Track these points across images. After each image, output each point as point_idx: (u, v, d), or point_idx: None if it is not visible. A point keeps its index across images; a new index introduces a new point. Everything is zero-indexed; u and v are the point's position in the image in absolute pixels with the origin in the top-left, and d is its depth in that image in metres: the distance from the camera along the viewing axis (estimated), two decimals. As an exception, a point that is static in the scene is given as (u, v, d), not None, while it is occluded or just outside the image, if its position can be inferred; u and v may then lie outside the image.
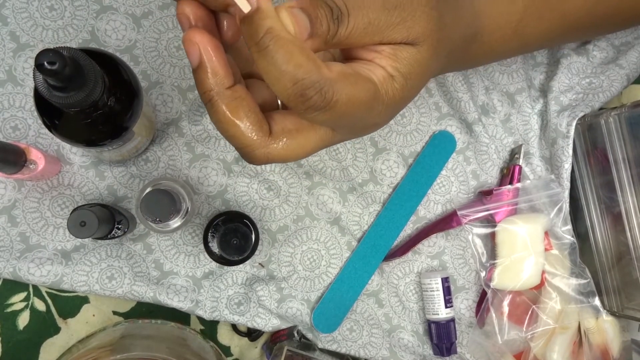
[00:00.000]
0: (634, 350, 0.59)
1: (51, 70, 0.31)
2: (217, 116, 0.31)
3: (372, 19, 0.31)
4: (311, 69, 0.28)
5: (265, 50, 0.28)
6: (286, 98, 0.29)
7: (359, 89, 0.30)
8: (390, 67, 0.33)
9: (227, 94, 0.30)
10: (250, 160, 0.33)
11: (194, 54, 0.30)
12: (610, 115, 0.54)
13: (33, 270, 0.53)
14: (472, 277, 0.61)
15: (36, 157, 0.49)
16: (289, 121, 0.33)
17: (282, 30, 0.28)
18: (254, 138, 0.31)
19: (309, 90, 0.28)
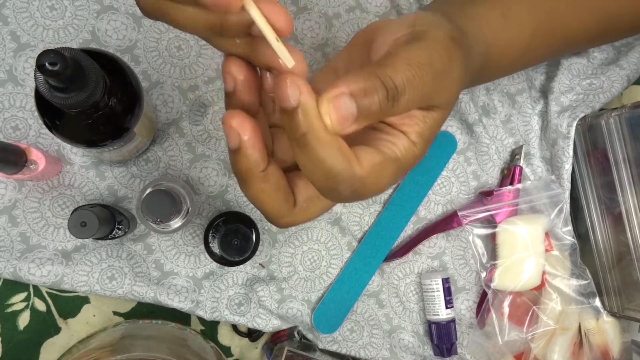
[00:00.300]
0: (634, 351, 0.59)
1: (52, 71, 0.31)
2: (248, 193, 0.33)
3: (424, 93, 0.31)
4: (345, 168, 0.29)
5: (304, 147, 0.29)
6: (318, 188, 0.31)
7: (385, 176, 0.32)
8: (415, 135, 0.33)
9: (260, 176, 0.32)
10: (275, 225, 0.35)
11: (233, 138, 0.31)
12: (611, 115, 0.54)
13: (33, 271, 0.53)
14: (473, 277, 0.61)
15: (37, 157, 0.49)
16: (312, 189, 0.34)
17: (321, 129, 0.29)
18: (280, 211, 0.33)
19: (341, 187, 0.30)
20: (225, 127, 0.31)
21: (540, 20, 0.48)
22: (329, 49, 0.59)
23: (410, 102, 0.31)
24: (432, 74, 0.32)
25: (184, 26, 0.30)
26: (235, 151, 0.31)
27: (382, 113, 0.30)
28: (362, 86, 0.29)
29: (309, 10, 0.59)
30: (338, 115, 0.29)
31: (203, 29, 0.30)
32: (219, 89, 0.57)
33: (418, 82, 0.31)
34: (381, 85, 0.30)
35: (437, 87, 0.32)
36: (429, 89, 0.32)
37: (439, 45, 0.33)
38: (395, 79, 0.30)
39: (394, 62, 0.31)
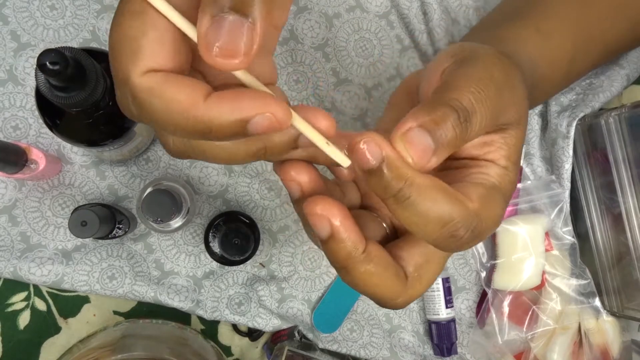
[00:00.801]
0: (634, 351, 0.59)
1: (53, 70, 0.31)
2: (355, 281, 0.29)
3: (493, 108, 0.29)
4: (458, 209, 0.27)
5: (407, 202, 0.26)
6: (434, 242, 0.27)
7: (496, 207, 0.29)
8: (504, 160, 0.31)
9: (362, 258, 0.28)
10: (391, 308, 0.31)
11: (323, 227, 0.28)
12: (611, 115, 0.54)
13: (34, 270, 0.53)
14: (473, 277, 0.62)
15: (37, 156, 0.49)
16: (417, 255, 0.31)
17: (419, 175, 0.26)
18: (394, 290, 0.30)
19: (460, 231, 0.27)
20: (311, 217, 0.28)
21: (578, 32, 0.47)
22: (329, 49, 0.59)
23: (483, 120, 0.29)
24: (494, 87, 0.29)
25: (224, 161, 0.27)
26: (329, 240, 0.28)
27: (459, 139, 0.28)
28: (431, 116, 0.27)
29: (309, 10, 0.59)
30: (415, 151, 0.26)
31: (244, 158, 0.27)
32: (219, 89, 0.57)
33: (484, 98, 0.29)
34: (451, 110, 0.27)
35: (504, 101, 0.30)
36: (496, 103, 0.29)
37: (492, 59, 0.31)
38: (462, 100, 0.28)
39: (455, 85, 0.29)
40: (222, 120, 0.24)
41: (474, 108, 0.28)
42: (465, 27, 0.61)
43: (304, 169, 0.29)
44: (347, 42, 0.59)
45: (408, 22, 0.60)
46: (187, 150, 0.27)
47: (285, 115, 0.24)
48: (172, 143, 0.27)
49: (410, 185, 0.26)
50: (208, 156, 0.27)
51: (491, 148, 0.31)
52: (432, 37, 0.59)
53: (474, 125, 0.28)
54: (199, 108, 0.23)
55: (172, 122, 0.24)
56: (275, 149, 0.27)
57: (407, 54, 0.61)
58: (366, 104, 0.60)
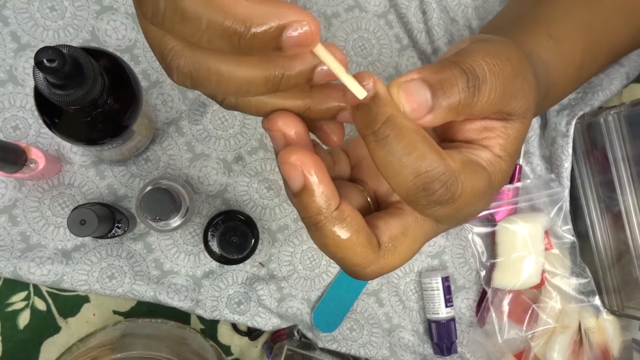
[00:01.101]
0: (634, 350, 0.58)
1: (50, 67, 0.31)
2: (324, 240, 0.28)
3: (504, 87, 0.28)
4: (436, 160, 0.26)
5: (385, 140, 0.25)
6: (405, 192, 0.26)
7: (479, 179, 0.28)
8: (499, 148, 0.30)
9: (334, 215, 0.27)
10: (360, 277, 0.30)
11: (296, 177, 0.27)
12: (610, 114, 0.54)
13: (33, 270, 0.53)
14: (472, 276, 0.61)
15: (36, 156, 0.49)
16: (394, 226, 0.30)
17: (403, 117, 0.26)
18: (365, 257, 0.28)
19: (434, 184, 0.26)
20: (284, 166, 0.27)
21: (587, 35, 0.47)
22: (328, 49, 0.59)
23: (492, 94, 0.28)
24: (510, 67, 0.29)
25: (236, 86, 0.25)
26: (301, 192, 0.27)
27: (463, 105, 0.27)
28: (438, 74, 0.26)
29: (308, 10, 0.59)
30: (410, 101, 0.26)
31: (258, 86, 0.25)
32: (219, 89, 0.57)
33: (499, 72, 0.28)
34: (460, 72, 0.27)
35: (515, 87, 0.29)
36: (509, 83, 0.28)
37: (510, 45, 0.30)
38: (475, 66, 0.27)
39: (471, 52, 0.28)
40: (262, 20, 0.22)
41: (486, 77, 0.27)
42: (464, 26, 0.61)
43: (292, 121, 0.28)
44: (346, 42, 0.60)
45: (407, 21, 0.60)
46: (199, 71, 0.24)
47: (317, 31, 0.23)
48: (184, 60, 0.24)
49: (391, 122, 0.25)
50: (223, 79, 0.25)
51: (490, 134, 0.31)
52: (431, 36, 0.60)
53: (482, 95, 0.27)
54: (241, 5, 0.22)
55: (207, 18, 0.22)
56: (292, 78, 0.26)
57: (406, 53, 0.61)
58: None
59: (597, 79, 0.60)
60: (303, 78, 0.26)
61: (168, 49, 0.24)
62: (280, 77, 0.25)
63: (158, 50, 0.25)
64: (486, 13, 0.61)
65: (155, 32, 0.24)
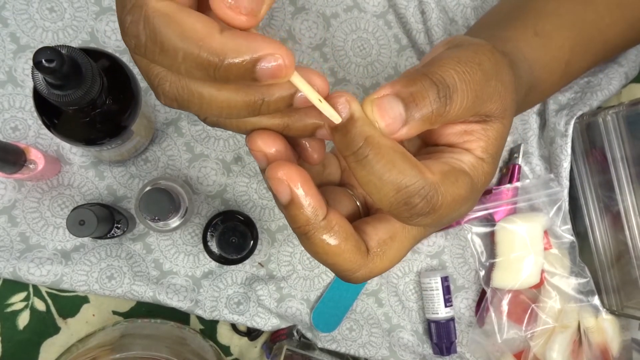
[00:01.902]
0: (634, 350, 0.58)
1: (49, 68, 0.31)
2: (314, 248, 0.29)
3: (476, 92, 0.29)
4: (414, 175, 0.27)
5: (365, 160, 0.26)
6: (387, 207, 0.27)
7: (459, 187, 0.29)
8: (480, 150, 0.31)
9: (322, 225, 0.28)
10: (352, 281, 0.31)
11: (283, 191, 0.28)
12: (608, 113, 0.54)
13: (33, 270, 0.53)
14: (472, 276, 0.61)
15: (36, 157, 0.49)
16: (382, 231, 0.31)
17: (380, 136, 0.27)
18: (354, 263, 0.29)
19: (414, 198, 0.27)
20: (271, 181, 0.28)
21: (577, 33, 0.47)
22: (327, 49, 0.59)
23: (464, 100, 0.28)
24: (481, 72, 0.29)
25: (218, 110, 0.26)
26: (289, 205, 0.28)
27: (435, 115, 0.28)
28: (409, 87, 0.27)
29: (306, 10, 0.59)
30: (384, 117, 0.27)
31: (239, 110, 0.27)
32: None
33: (469, 79, 0.28)
34: (431, 83, 0.27)
35: (489, 90, 0.30)
36: (480, 88, 0.29)
37: (483, 49, 0.31)
38: (444, 75, 0.28)
39: (440, 62, 0.29)
40: (235, 53, 0.24)
41: (456, 86, 0.28)
42: (463, 26, 0.61)
43: (271, 139, 0.29)
44: (345, 42, 0.60)
45: (405, 21, 0.60)
46: (183, 95, 0.26)
47: (290, 63, 0.24)
48: (169, 85, 0.26)
49: (369, 143, 0.26)
50: (204, 102, 0.26)
51: (470, 137, 0.31)
52: (430, 36, 0.60)
53: (454, 104, 0.28)
54: (215, 39, 0.24)
55: (183, 50, 0.24)
56: (272, 104, 0.27)
57: (405, 53, 0.61)
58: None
59: (596, 79, 0.60)
60: (283, 103, 0.27)
61: (154, 74, 0.26)
62: (260, 102, 0.26)
63: (145, 76, 0.26)
64: (484, 12, 0.61)
65: (142, 60, 0.26)
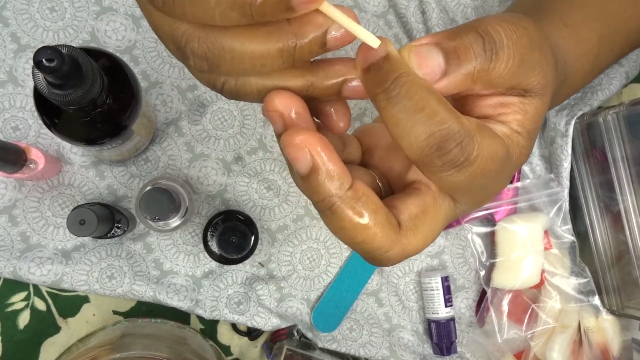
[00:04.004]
0: (634, 350, 0.58)
1: (49, 67, 0.31)
2: (342, 223, 0.26)
3: (524, 56, 0.27)
4: (450, 117, 0.24)
5: (396, 97, 0.24)
6: (418, 153, 0.25)
7: (497, 144, 0.26)
8: (516, 123, 0.29)
9: (349, 195, 0.25)
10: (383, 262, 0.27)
11: (303, 159, 0.25)
12: (609, 113, 0.54)
13: (33, 270, 0.53)
14: (472, 276, 0.61)
15: (36, 156, 0.49)
16: (412, 205, 0.28)
17: (415, 75, 0.24)
18: (386, 238, 0.26)
19: (448, 142, 0.24)
20: (288, 148, 0.25)
21: (603, 25, 0.46)
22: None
23: (510, 61, 0.26)
24: (527, 37, 0.27)
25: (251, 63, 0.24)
26: (310, 174, 0.25)
27: (478, 71, 0.25)
28: (453, 38, 0.25)
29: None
30: (421, 66, 0.25)
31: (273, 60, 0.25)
32: (218, 89, 0.57)
33: (516, 39, 0.26)
34: (476, 35, 0.25)
35: (533, 58, 0.28)
36: (526, 52, 0.27)
37: (527, 18, 0.29)
38: (492, 30, 0.26)
39: (488, 19, 0.27)
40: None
41: (503, 42, 0.26)
42: (463, 27, 0.61)
43: (290, 100, 0.26)
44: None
45: (406, 21, 0.60)
46: (214, 50, 0.24)
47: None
48: (198, 41, 0.24)
49: (402, 79, 0.24)
50: (236, 55, 0.24)
51: (506, 110, 0.29)
52: (430, 36, 0.59)
53: (500, 61, 0.26)
54: None
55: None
56: (306, 46, 0.25)
57: (405, 53, 0.61)
58: (365, 103, 0.60)
59: (596, 79, 0.60)
60: (317, 45, 0.25)
61: (180, 33, 0.24)
62: (294, 46, 0.24)
63: (170, 38, 0.24)
64: (485, 13, 0.61)
65: (165, 22, 0.24)
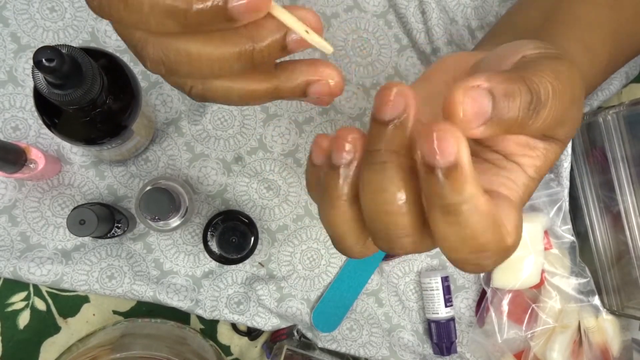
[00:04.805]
0: (634, 350, 0.58)
1: (49, 67, 0.31)
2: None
3: (562, 114, 0.27)
4: (498, 243, 0.24)
5: (456, 218, 0.23)
6: (455, 261, 0.25)
7: (520, 233, 0.27)
8: (534, 170, 0.29)
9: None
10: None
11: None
12: (609, 113, 0.54)
13: (33, 270, 0.53)
14: (472, 276, 0.61)
15: (36, 156, 0.49)
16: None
17: (481, 195, 0.23)
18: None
19: (486, 261, 0.25)
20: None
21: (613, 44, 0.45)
22: (327, 49, 0.59)
23: (550, 118, 0.26)
24: (572, 96, 0.27)
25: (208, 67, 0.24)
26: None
27: (518, 125, 0.25)
28: (505, 85, 0.24)
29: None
30: (473, 108, 0.23)
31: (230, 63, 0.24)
32: (218, 89, 0.57)
33: (561, 97, 0.26)
34: (526, 90, 0.25)
35: (569, 114, 0.28)
36: (565, 111, 0.27)
37: (574, 68, 0.29)
38: (542, 88, 0.25)
39: (539, 70, 0.26)
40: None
41: (548, 101, 0.26)
42: (463, 26, 0.61)
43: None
44: (345, 42, 0.60)
45: (406, 21, 0.60)
46: (169, 55, 0.24)
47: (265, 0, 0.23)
48: (152, 47, 0.24)
49: (467, 203, 0.23)
50: (193, 59, 0.24)
51: (530, 153, 0.29)
52: (430, 36, 0.60)
53: (539, 120, 0.26)
54: None
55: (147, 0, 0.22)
56: (265, 50, 0.24)
57: (405, 53, 0.61)
58: (365, 104, 0.60)
59: (596, 79, 0.60)
60: (276, 48, 0.25)
61: (136, 39, 0.24)
62: (251, 50, 0.24)
63: (128, 42, 0.25)
64: (485, 13, 0.61)
65: (122, 26, 0.25)
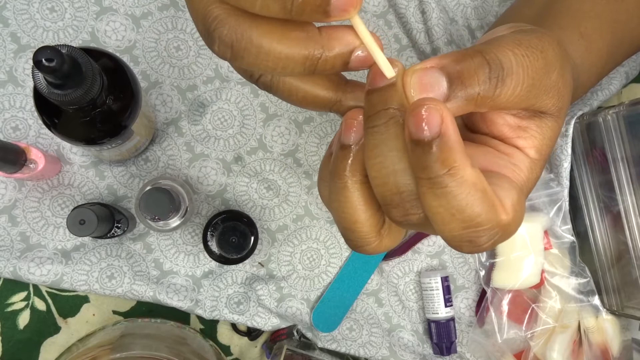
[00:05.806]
0: (634, 350, 0.58)
1: (49, 67, 0.31)
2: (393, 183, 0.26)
3: (534, 81, 0.26)
4: (490, 217, 0.24)
5: (443, 190, 0.23)
6: (449, 239, 0.25)
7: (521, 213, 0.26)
8: (534, 150, 0.29)
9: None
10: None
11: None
12: (609, 113, 0.54)
13: (33, 270, 0.53)
14: (472, 276, 0.61)
15: (36, 156, 0.49)
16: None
17: (467, 166, 0.23)
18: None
19: (481, 238, 0.24)
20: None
21: (612, 35, 0.45)
22: (327, 49, 0.59)
23: (518, 88, 0.26)
24: (543, 61, 0.26)
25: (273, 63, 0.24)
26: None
27: (482, 97, 0.25)
28: (458, 63, 0.25)
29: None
30: (423, 91, 0.24)
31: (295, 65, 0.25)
32: (217, 89, 0.57)
33: (528, 64, 0.26)
34: (482, 61, 0.25)
35: (548, 82, 0.27)
36: (539, 77, 0.26)
37: (550, 38, 0.28)
38: (501, 56, 0.25)
39: (501, 41, 0.26)
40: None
41: (512, 69, 0.25)
42: (463, 26, 0.61)
43: None
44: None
45: (406, 21, 0.60)
46: (241, 42, 0.24)
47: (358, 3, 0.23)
48: (228, 29, 0.24)
49: (453, 174, 0.23)
50: (262, 52, 0.24)
51: (524, 134, 0.29)
52: (430, 36, 0.60)
53: (505, 88, 0.25)
54: None
55: None
56: (330, 60, 0.25)
57: (405, 53, 0.61)
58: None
59: (596, 79, 0.60)
60: (340, 61, 0.25)
61: (213, 17, 0.24)
62: (319, 57, 0.25)
63: (202, 19, 0.24)
64: (485, 13, 0.61)
65: (201, 1, 0.24)
